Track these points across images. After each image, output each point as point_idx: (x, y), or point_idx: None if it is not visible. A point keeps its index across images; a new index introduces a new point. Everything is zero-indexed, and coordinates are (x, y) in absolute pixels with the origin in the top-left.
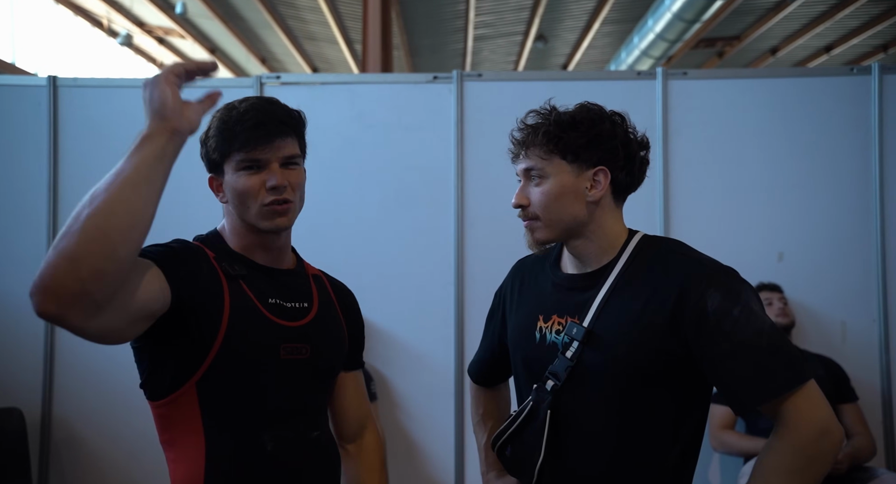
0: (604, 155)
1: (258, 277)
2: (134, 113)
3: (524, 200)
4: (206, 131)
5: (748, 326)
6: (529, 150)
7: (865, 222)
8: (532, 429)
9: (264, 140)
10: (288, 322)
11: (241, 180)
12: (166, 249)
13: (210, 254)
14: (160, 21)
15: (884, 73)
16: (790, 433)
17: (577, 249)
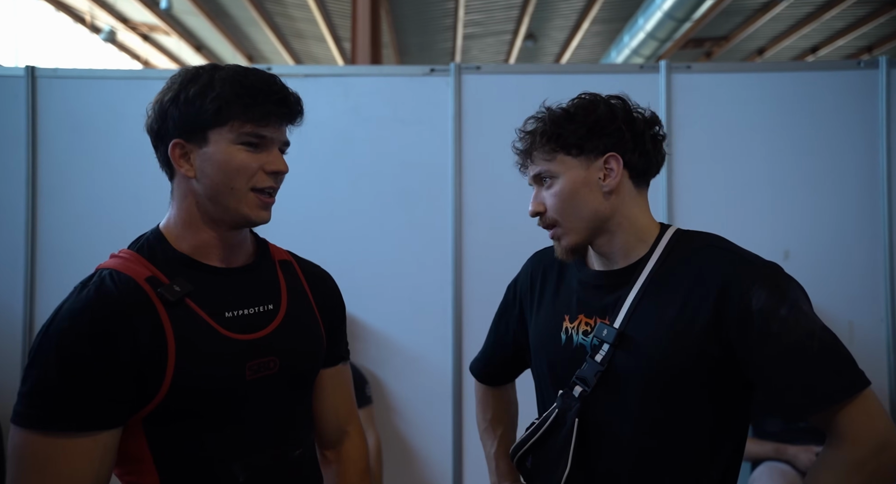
0: (609, 140)
1: (210, 285)
2: (115, 104)
3: (540, 207)
4: (179, 85)
5: (797, 327)
6: (533, 156)
7: (873, 220)
8: (557, 438)
9: (284, 119)
10: (251, 335)
11: (239, 156)
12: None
13: (144, 273)
14: (145, 17)
15: (892, 67)
16: (846, 448)
17: (602, 247)
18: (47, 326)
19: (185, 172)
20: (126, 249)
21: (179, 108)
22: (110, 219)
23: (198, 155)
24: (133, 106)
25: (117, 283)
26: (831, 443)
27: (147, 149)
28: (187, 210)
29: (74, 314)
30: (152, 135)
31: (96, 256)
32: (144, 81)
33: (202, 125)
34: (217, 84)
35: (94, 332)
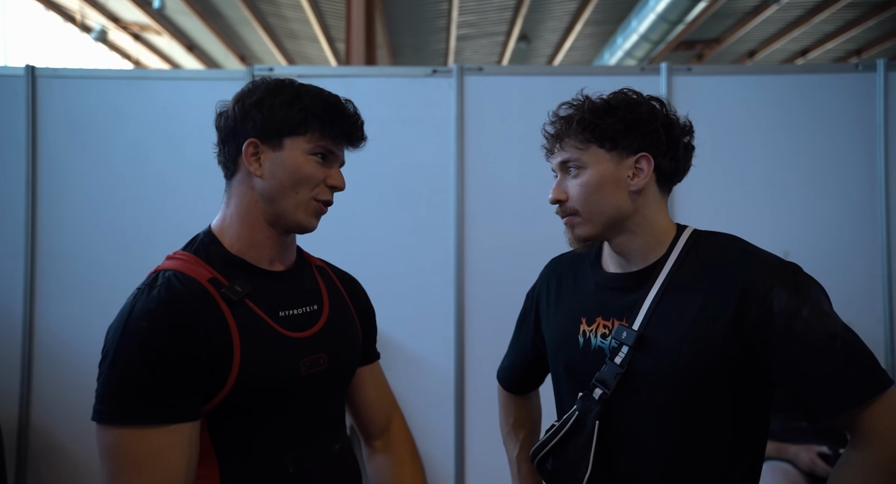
0: (644, 140)
1: (263, 286)
2: (116, 104)
3: (562, 195)
4: (265, 92)
5: (820, 327)
6: (564, 142)
7: (871, 221)
8: (578, 440)
9: (353, 141)
10: (302, 333)
11: (310, 166)
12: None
13: (206, 274)
14: (136, 17)
15: (889, 70)
16: (871, 448)
17: (620, 247)
18: (122, 326)
19: (253, 171)
20: (181, 250)
21: (263, 112)
22: (111, 220)
23: (269, 157)
24: (135, 106)
25: (184, 283)
26: (855, 443)
27: (148, 149)
28: (246, 208)
29: (151, 313)
30: (226, 131)
31: (97, 256)
32: (145, 82)
33: (282, 131)
34: (305, 98)
35: (171, 329)
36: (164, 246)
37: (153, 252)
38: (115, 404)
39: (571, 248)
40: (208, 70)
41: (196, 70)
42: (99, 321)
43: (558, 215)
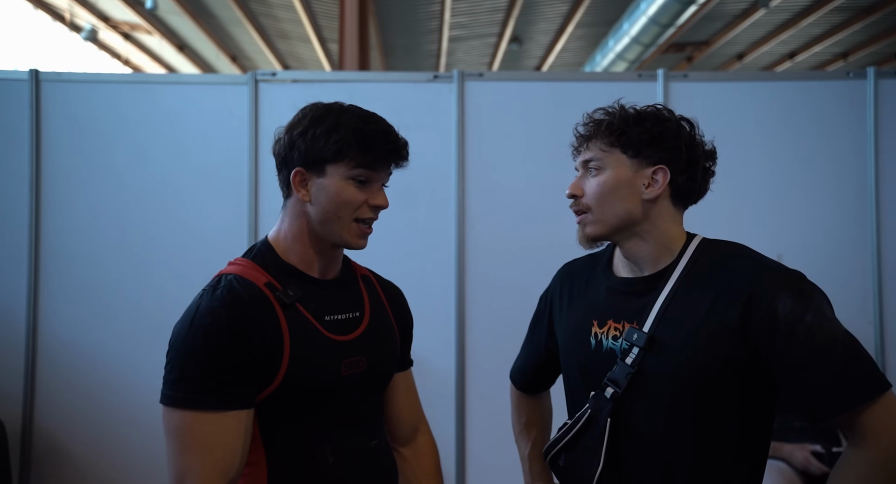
0: (665, 154)
1: (312, 293)
2: (119, 108)
3: (578, 191)
4: (309, 121)
5: (822, 332)
6: (591, 143)
7: (862, 224)
8: (590, 437)
9: (391, 164)
10: (345, 336)
11: (349, 190)
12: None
13: (262, 279)
14: (126, 16)
15: (879, 77)
16: (870, 448)
17: (631, 251)
18: (189, 321)
19: (301, 197)
20: (241, 257)
21: (306, 143)
22: (113, 222)
23: (314, 183)
24: (137, 110)
25: (244, 286)
26: (855, 443)
27: (150, 153)
28: (299, 228)
29: (214, 311)
30: (278, 159)
31: (100, 258)
32: (147, 86)
33: (323, 159)
34: (341, 128)
35: (232, 326)
36: (166, 248)
37: (155, 254)
38: (181, 390)
39: (580, 245)
40: (210, 74)
41: (198, 74)
42: (102, 322)
43: (572, 209)
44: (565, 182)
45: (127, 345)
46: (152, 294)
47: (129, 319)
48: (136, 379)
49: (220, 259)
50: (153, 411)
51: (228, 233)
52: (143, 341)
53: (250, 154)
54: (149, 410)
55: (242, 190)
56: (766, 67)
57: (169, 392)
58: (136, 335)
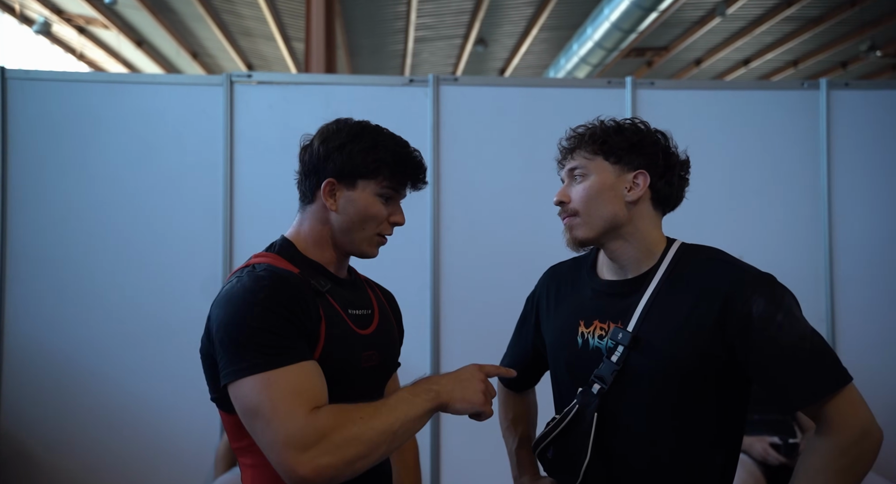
0: (644, 160)
1: (336, 287)
2: (90, 108)
3: (565, 197)
4: (347, 137)
5: (792, 331)
6: (575, 153)
7: (815, 227)
8: (578, 431)
9: (417, 185)
10: (364, 331)
11: (376, 206)
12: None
13: (294, 269)
14: (81, 9)
15: (831, 88)
16: (833, 434)
17: (615, 253)
18: (241, 298)
19: (329, 206)
20: (264, 252)
21: (343, 156)
22: (84, 224)
23: (344, 195)
24: (109, 110)
25: (283, 271)
26: (820, 430)
27: (123, 153)
28: (320, 232)
29: (264, 283)
30: (309, 166)
31: (69, 260)
32: (121, 86)
33: (357, 174)
34: (380, 149)
35: (286, 293)
36: (138, 250)
37: (127, 256)
38: (263, 355)
39: (568, 247)
40: (184, 75)
41: (173, 75)
42: (71, 324)
43: (560, 216)
44: (538, 184)
45: (98, 347)
46: (124, 296)
47: (100, 321)
48: (108, 381)
49: (194, 261)
50: (125, 412)
51: (203, 234)
52: (114, 343)
53: (225, 155)
54: (121, 411)
55: (217, 191)
56: (721, 73)
57: (244, 364)
58: (107, 337)
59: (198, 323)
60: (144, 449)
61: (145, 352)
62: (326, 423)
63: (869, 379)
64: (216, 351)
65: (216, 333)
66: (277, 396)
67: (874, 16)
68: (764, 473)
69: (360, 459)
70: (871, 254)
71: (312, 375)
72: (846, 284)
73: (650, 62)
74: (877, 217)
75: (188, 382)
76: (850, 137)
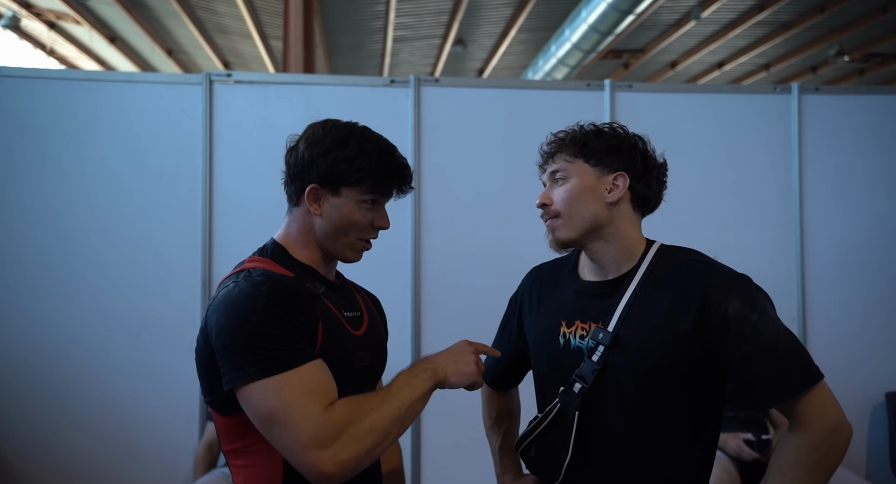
0: (624, 162)
1: (330, 289)
2: (67, 106)
3: (547, 199)
4: (332, 143)
5: (766, 330)
6: (557, 156)
7: (787, 227)
8: (559, 430)
9: (401, 192)
10: (357, 332)
11: (359, 212)
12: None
13: (288, 273)
14: (51, 4)
15: (802, 92)
16: (805, 430)
17: (596, 254)
18: (244, 303)
19: (313, 211)
20: (255, 256)
21: (328, 164)
22: (61, 223)
23: (328, 201)
24: (86, 108)
25: (279, 275)
26: (792, 426)
27: (100, 152)
28: (306, 235)
29: (261, 288)
30: (292, 171)
31: (45, 260)
32: (99, 84)
33: (341, 182)
34: (364, 158)
35: (285, 296)
36: (115, 251)
37: (105, 256)
38: (264, 360)
39: (551, 248)
40: (164, 74)
41: (152, 74)
42: (48, 325)
43: (542, 219)
44: (519, 186)
45: (75, 348)
46: (100, 297)
47: (75, 322)
48: (84, 382)
49: (173, 261)
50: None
51: (182, 235)
52: (90, 344)
53: (204, 154)
54: (97, 412)
55: (196, 190)
56: (696, 76)
57: (253, 369)
58: (83, 338)
59: (177, 323)
60: (121, 451)
61: (122, 353)
62: (342, 418)
63: (839, 375)
64: (217, 356)
65: (217, 339)
66: (291, 399)
67: (842, 21)
68: (738, 469)
69: (377, 446)
70: (842, 254)
71: (321, 373)
72: (817, 283)
73: (627, 64)
74: (847, 218)
75: (166, 383)
76: (820, 140)
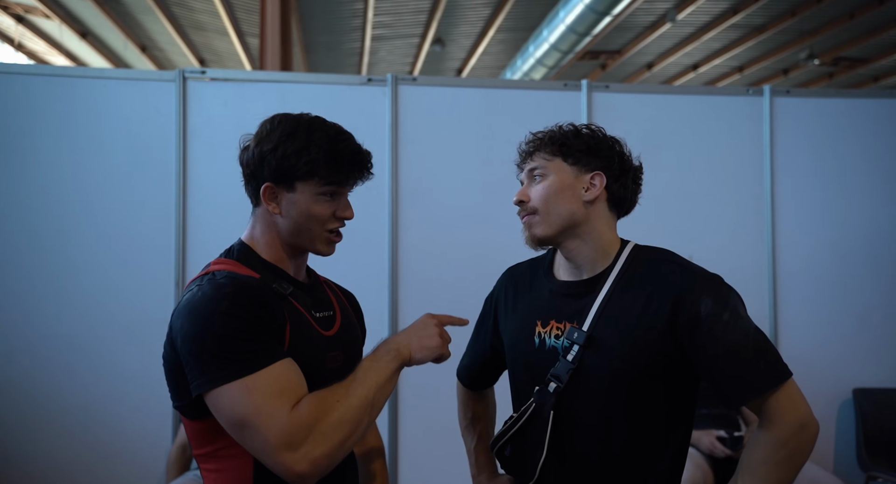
0: (601, 162)
1: (297, 291)
2: (36, 102)
3: (525, 197)
4: (279, 138)
5: (737, 329)
6: (535, 154)
7: (759, 227)
8: (535, 429)
9: (360, 180)
10: (327, 332)
11: (318, 205)
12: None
13: (255, 275)
14: None
15: (774, 95)
16: (774, 428)
17: (572, 253)
18: (206, 308)
19: (271, 210)
20: (221, 258)
21: (277, 160)
22: (28, 223)
23: (285, 198)
24: (55, 105)
25: (244, 278)
26: (762, 424)
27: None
28: (270, 235)
29: (226, 290)
30: (246, 171)
31: (10, 262)
32: (68, 80)
33: (293, 177)
34: (312, 149)
35: (250, 297)
36: (85, 251)
37: (74, 257)
38: (230, 363)
39: (527, 245)
40: (136, 70)
41: (123, 70)
42: (14, 328)
43: (519, 215)
44: (495, 184)
45: (45, 349)
46: (72, 297)
47: (42, 324)
48: (53, 384)
49: (146, 262)
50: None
51: (154, 234)
52: (58, 346)
53: (178, 153)
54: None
55: (170, 190)
56: (672, 77)
57: (219, 373)
58: (51, 340)
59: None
60: (92, 453)
61: (93, 353)
62: (310, 415)
63: (808, 372)
64: (183, 362)
65: (182, 345)
66: (259, 401)
67: (812, 26)
68: (711, 466)
69: (348, 438)
70: (812, 253)
71: (289, 372)
72: (788, 282)
73: (604, 65)
74: (817, 218)
75: (138, 384)
76: (791, 142)
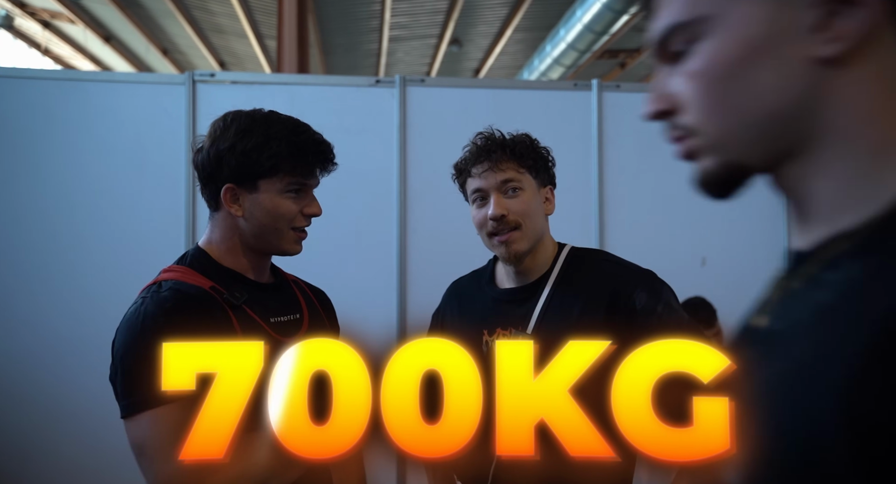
0: (549, 176)
1: (255, 296)
2: (48, 106)
3: (505, 210)
4: (235, 135)
5: (670, 320)
6: (504, 164)
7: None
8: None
9: (324, 171)
10: (289, 338)
11: (284, 203)
12: None
13: (206, 283)
14: (45, 3)
15: None
16: None
17: (527, 264)
18: (139, 327)
19: (234, 212)
20: (174, 265)
21: (236, 158)
22: (39, 226)
23: (247, 199)
24: (67, 108)
25: (188, 288)
26: None
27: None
28: (231, 239)
29: (165, 308)
30: (202, 173)
31: (24, 264)
32: (78, 83)
33: (255, 175)
34: (273, 143)
35: (187, 318)
36: (96, 253)
37: (85, 259)
38: (146, 391)
39: (507, 262)
40: (146, 73)
41: (133, 73)
42: (22, 330)
43: (491, 231)
44: None
45: (54, 352)
46: (80, 299)
47: (55, 325)
48: (56, 386)
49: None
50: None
51: (164, 238)
52: (72, 349)
53: (187, 156)
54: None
55: (179, 193)
56: None
57: (134, 399)
58: (63, 342)
59: None
60: (92, 455)
61: (99, 356)
62: (202, 470)
63: None
64: (111, 379)
65: (112, 361)
66: (163, 436)
67: None
68: None
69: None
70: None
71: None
72: None
73: (623, 64)
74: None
75: None
76: None
